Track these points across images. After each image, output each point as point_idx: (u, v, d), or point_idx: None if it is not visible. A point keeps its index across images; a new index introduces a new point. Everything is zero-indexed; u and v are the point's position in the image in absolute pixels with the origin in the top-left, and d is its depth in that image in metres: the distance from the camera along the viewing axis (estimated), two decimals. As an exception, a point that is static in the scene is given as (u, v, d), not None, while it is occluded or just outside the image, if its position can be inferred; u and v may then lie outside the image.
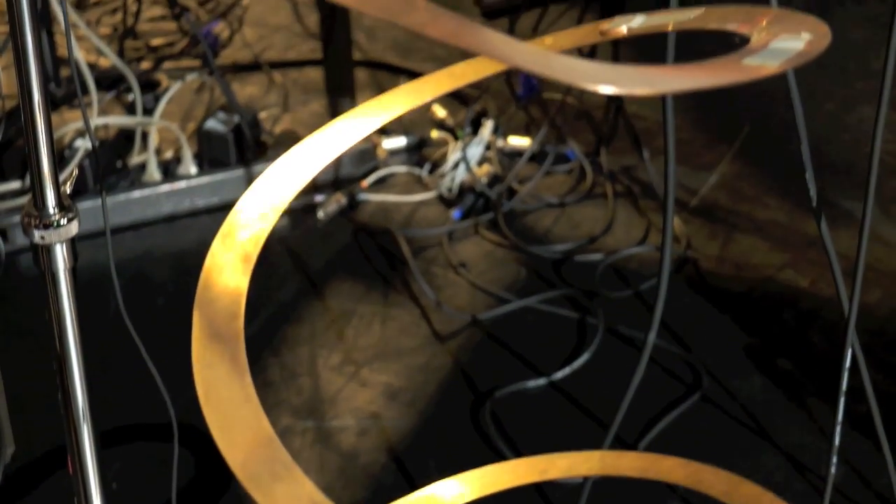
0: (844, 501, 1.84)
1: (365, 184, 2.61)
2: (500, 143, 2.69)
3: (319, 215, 2.52)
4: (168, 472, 1.50)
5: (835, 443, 1.68)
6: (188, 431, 1.53)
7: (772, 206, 2.51)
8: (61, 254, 1.16)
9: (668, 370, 2.09)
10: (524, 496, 1.82)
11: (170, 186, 2.53)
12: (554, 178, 2.63)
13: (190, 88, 2.92)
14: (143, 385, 1.45)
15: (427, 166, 2.66)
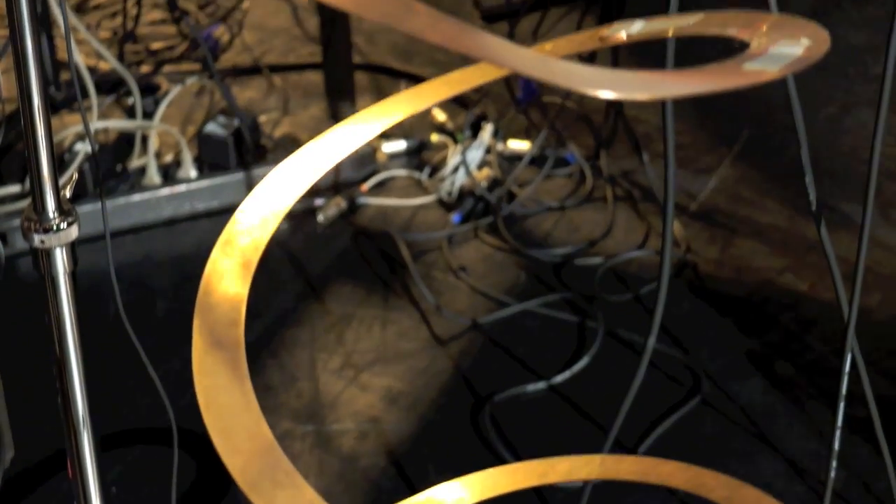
0: (844, 505, 1.84)
1: (365, 187, 2.61)
2: (499, 146, 2.69)
3: (319, 219, 2.52)
4: (168, 476, 1.50)
5: (834, 447, 1.68)
6: (188, 435, 1.53)
7: (771, 209, 2.51)
8: (61, 258, 1.16)
9: (668, 374, 2.09)
10: (524, 500, 1.82)
11: (170, 190, 2.53)
12: (554, 181, 2.63)
13: (190, 92, 2.92)
14: (143, 389, 1.45)
15: (427, 170, 2.66)
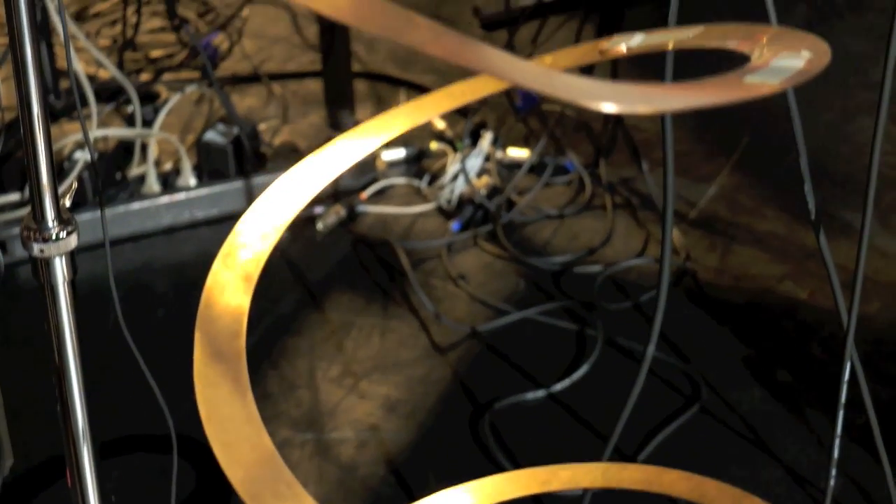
0: (844, 513, 1.84)
1: (364, 195, 2.61)
2: (499, 154, 2.69)
3: (319, 227, 2.52)
4: (167, 483, 1.50)
5: (834, 455, 1.68)
6: (187, 442, 1.53)
7: (771, 217, 2.52)
8: (60, 267, 1.16)
9: (668, 382, 2.09)
10: (523, 508, 1.82)
11: (169, 198, 2.53)
12: (553, 189, 2.63)
13: (189, 100, 2.92)
14: (143, 396, 1.45)
15: (426, 178, 2.66)
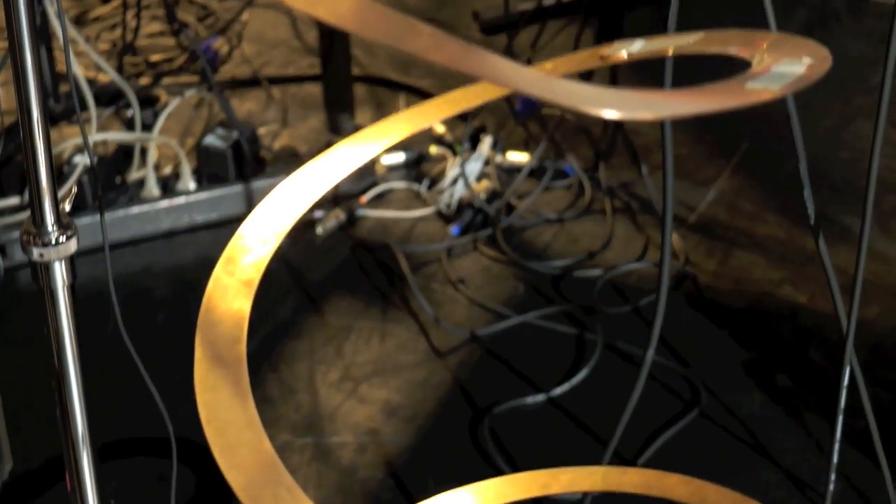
0: (843, 518, 1.84)
1: (364, 199, 2.61)
2: (498, 158, 2.69)
3: (318, 231, 2.52)
4: (166, 487, 1.50)
5: (833, 459, 1.68)
6: (186, 445, 1.53)
7: (770, 221, 2.52)
8: (60, 271, 1.16)
9: (667, 386, 2.09)
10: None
11: (168, 202, 2.53)
12: (552, 193, 2.63)
13: (189, 104, 2.92)
14: (142, 400, 1.45)
15: (426, 182, 2.66)
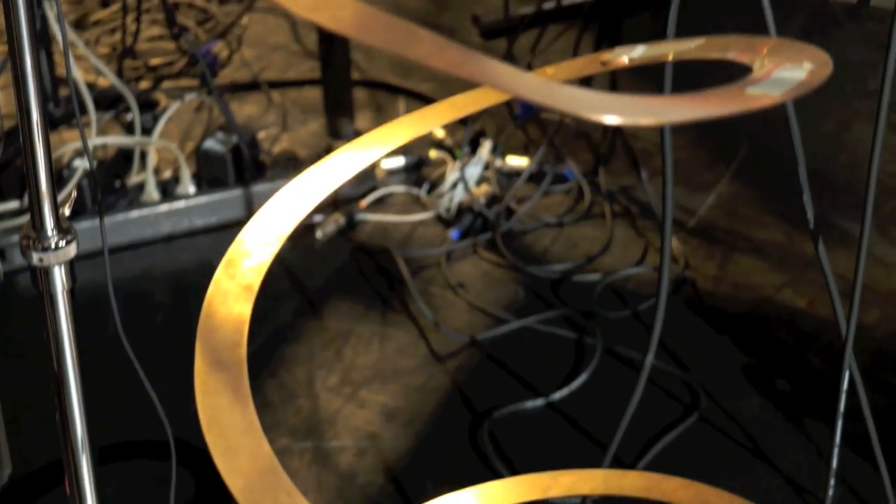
0: (843, 522, 1.84)
1: (363, 204, 2.61)
2: (498, 162, 2.69)
3: (318, 235, 2.52)
4: (166, 491, 1.50)
5: (833, 464, 1.68)
6: (186, 449, 1.53)
7: (770, 226, 2.52)
8: (59, 276, 1.16)
9: (667, 391, 2.09)
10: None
11: (168, 206, 2.53)
12: (552, 198, 2.64)
13: (188, 108, 2.93)
14: (141, 404, 1.45)
15: (425, 186, 2.66)
